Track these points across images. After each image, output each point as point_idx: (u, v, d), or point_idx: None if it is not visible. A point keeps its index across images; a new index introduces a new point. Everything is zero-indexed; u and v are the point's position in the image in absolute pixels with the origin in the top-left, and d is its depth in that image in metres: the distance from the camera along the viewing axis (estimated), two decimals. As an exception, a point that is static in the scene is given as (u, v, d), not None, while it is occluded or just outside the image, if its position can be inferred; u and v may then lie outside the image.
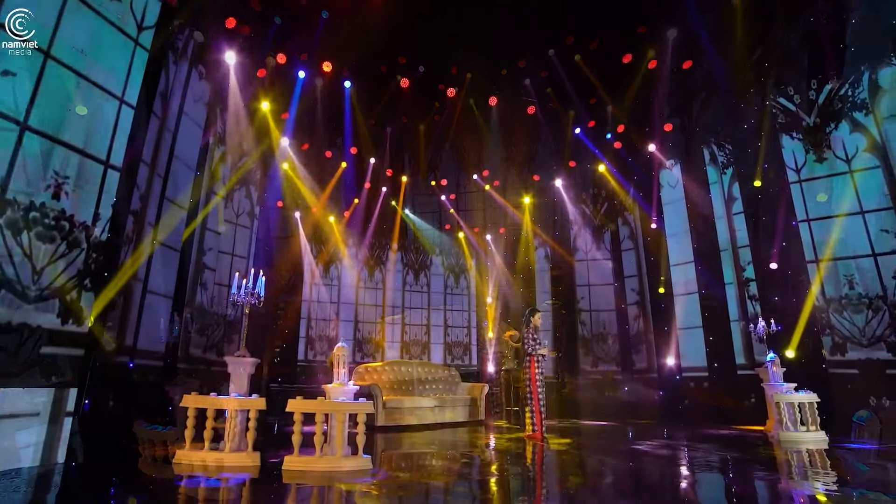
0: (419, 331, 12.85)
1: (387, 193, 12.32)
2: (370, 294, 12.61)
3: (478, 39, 8.82)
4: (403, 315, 12.35)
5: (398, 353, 12.36)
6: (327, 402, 5.27)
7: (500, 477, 4.77)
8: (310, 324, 11.81)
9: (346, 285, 12.36)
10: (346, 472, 4.74)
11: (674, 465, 5.32)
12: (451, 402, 8.71)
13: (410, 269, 13.05)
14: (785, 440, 6.82)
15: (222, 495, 4.08)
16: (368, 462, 4.97)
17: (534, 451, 6.03)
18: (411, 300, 12.92)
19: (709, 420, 9.22)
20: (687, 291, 10.48)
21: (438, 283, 13.14)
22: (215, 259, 9.10)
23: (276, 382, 10.61)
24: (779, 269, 9.16)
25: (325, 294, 12.07)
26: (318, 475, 4.59)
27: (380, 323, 12.44)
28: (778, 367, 7.73)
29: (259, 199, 10.64)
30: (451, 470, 5.01)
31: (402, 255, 12.94)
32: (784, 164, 9.08)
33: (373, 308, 12.56)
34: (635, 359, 11.39)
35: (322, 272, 12.15)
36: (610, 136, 10.85)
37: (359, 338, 12.29)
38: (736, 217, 10.03)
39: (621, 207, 11.89)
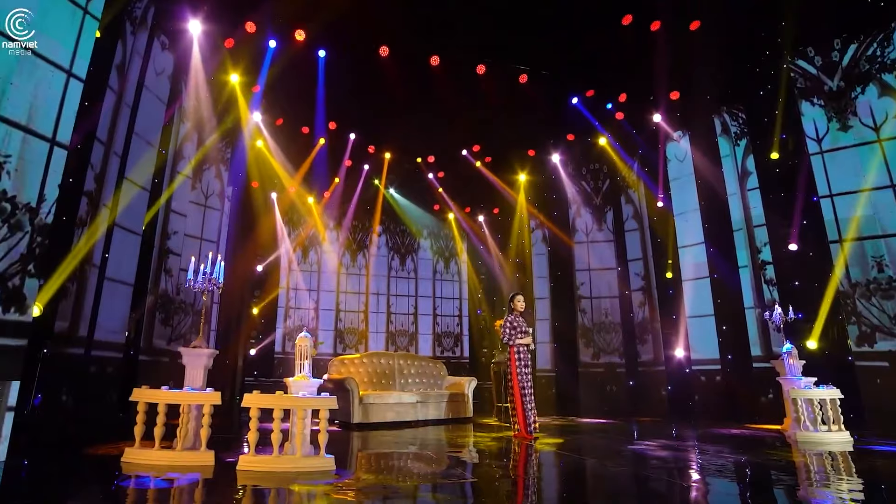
0: (406, 320, 12.79)
1: (369, 172, 12.18)
2: (353, 281, 12.54)
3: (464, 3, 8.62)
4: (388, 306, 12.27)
5: (383, 345, 12.32)
6: (286, 398, 5.19)
7: (470, 482, 4.70)
8: (287, 313, 11.79)
9: (326, 271, 12.29)
10: (304, 473, 4.63)
11: (668, 470, 5.17)
12: (436, 397, 8.63)
13: (396, 253, 12.98)
14: (803, 441, 6.57)
15: (158, 497, 4.04)
16: (331, 462, 4.86)
17: (517, 453, 5.90)
18: (397, 287, 12.86)
19: (721, 418, 9.06)
20: (697, 276, 10.27)
21: (426, 269, 13.06)
22: (181, 243, 9.05)
23: (251, 376, 10.62)
24: (799, 251, 8.95)
25: (304, 281, 12.01)
26: (274, 476, 4.49)
27: (363, 312, 12.41)
28: (795, 359, 7.47)
29: (230, 179, 10.55)
30: (420, 472, 4.91)
31: (386, 238, 12.86)
32: (804, 133, 8.84)
33: (355, 296, 12.49)
34: (640, 350, 11.22)
35: (300, 258, 12.09)
36: (611, 105, 10.61)
37: (340, 328, 12.24)
38: (751, 193, 9.79)
39: (624, 184, 11.68)
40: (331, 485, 4.24)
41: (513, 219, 12.53)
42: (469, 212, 12.77)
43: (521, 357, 6.90)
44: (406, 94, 10.05)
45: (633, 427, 8.43)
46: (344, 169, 11.86)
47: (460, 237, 13.14)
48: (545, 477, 4.97)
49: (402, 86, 9.86)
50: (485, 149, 12.06)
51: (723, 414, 9.27)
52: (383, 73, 9.69)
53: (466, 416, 8.80)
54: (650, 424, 8.89)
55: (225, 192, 10.50)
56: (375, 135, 11.44)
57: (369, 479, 4.59)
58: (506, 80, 9.96)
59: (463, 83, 9.92)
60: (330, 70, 9.80)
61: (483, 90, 9.98)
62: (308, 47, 9.56)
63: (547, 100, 10.32)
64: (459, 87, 9.89)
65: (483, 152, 12.13)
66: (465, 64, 9.68)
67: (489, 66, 9.70)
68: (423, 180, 12.65)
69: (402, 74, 9.74)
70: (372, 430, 7.57)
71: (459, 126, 10.87)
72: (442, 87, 9.89)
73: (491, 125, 10.86)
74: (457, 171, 12.24)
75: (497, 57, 9.64)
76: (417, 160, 12.10)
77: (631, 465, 5.28)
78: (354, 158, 11.98)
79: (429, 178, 12.78)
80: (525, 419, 6.74)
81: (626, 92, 10.47)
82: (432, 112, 10.39)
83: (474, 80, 9.90)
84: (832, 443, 6.51)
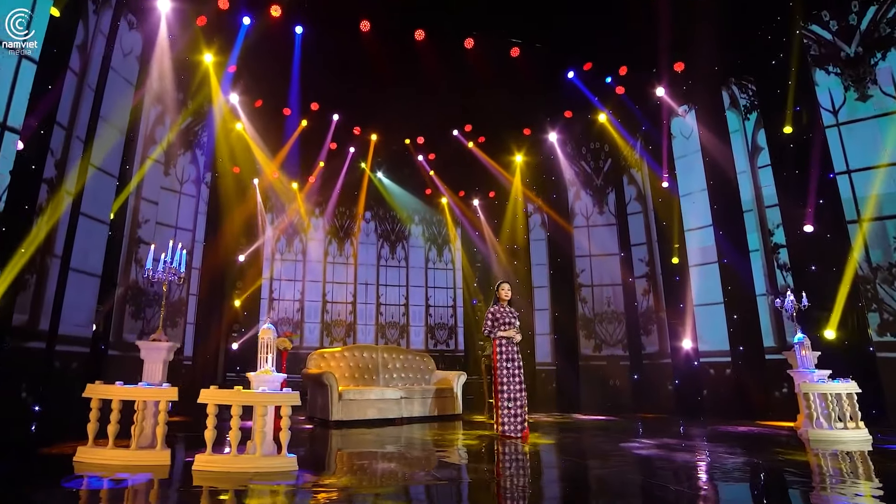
0: (396, 311, 12.68)
1: (355, 155, 12.05)
2: (339, 270, 12.45)
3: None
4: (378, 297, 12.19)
5: (372, 337, 12.24)
6: (244, 393, 5.11)
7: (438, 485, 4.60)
8: (271, 305, 11.75)
9: (311, 260, 12.23)
10: (262, 473, 4.56)
11: (658, 471, 5.02)
12: (422, 392, 8.51)
13: (385, 240, 12.86)
14: (815, 439, 6.31)
15: (90, 500, 3.98)
16: (293, 462, 4.79)
17: (498, 454, 5.78)
18: (387, 276, 12.75)
19: (731, 414, 8.85)
20: (704, 261, 10.02)
21: (418, 257, 12.93)
22: (153, 232, 9.01)
23: (233, 371, 10.62)
24: (814, 233, 8.67)
25: (289, 271, 11.96)
26: (230, 477, 4.43)
27: (351, 303, 12.34)
28: (808, 350, 7.18)
29: (208, 164, 10.49)
30: (387, 474, 4.81)
31: (375, 224, 12.73)
32: (818, 104, 8.54)
33: (343, 286, 12.42)
34: (644, 342, 11.01)
35: (284, 246, 12.04)
36: (610, 79, 10.36)
37: (327, 320, 12.18)
38: (762, 171, 9.54)
39: (627, 164, 11.43)
40: (287, 486, 4.19)
41: (510, 203, 12.33)
42: (463, 196, 12.61)
43: (502, 350, 6.73)
44: (391, 72, 9.89)
45: (634, 425, 8.26)
46: (328, 152, 11.73)
47: (454, 223, 12.99)
48: (519, 483, 4.83)
49: (386, 63, 9.69)
50: (477, 128, 11.84)
51: (733, 410, 9.03)
52: (365, 50, 9.52)
53: (455, 412, 8.68)
54: (654, 421, 8.71)
55: (202, 177, 10.44)
56: (360, 115, 11.27)
57: (331, 482, 4.47)
58: (496, 55, 9.76)
59: (450, 59, 9.73)
60: (308, 48, 9.66)
61: (472, 66, 9.78)
62: (284, 24, 9.42)
63: (541, 75, 10.10)
64: (447, 63, 9.71)
65: (475, 132, 11.93)
66: (452, 38, 9.48)
67: (478, 39, 9.49)
68: (412, 163, 12.48)
69: (386, 51, 9.57)
70: (351, 427, 7.48)
71: (449, 105, 10.70)
72: (428, 63, 9.70)
73: (482, 103, 10.64)
74: (449, 152, 12.05)
75: (486, 29, 9.44)
76: (406, 141, 11.93)
77: (620, 467, 5.12)
78: (339, 141, 11.83)
79: (419, 161, 12.60)
80: (509, 417, 6.61)
81: (627, 64, 10.21)
82: (419, 90, 10.22)
83: (462, 55, 9.70)
84: (848, 441, 6.25)
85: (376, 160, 12.61)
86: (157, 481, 4.38)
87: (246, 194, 11.15)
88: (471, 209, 12.64)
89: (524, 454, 5.77)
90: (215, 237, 10.40)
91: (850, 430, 6.44)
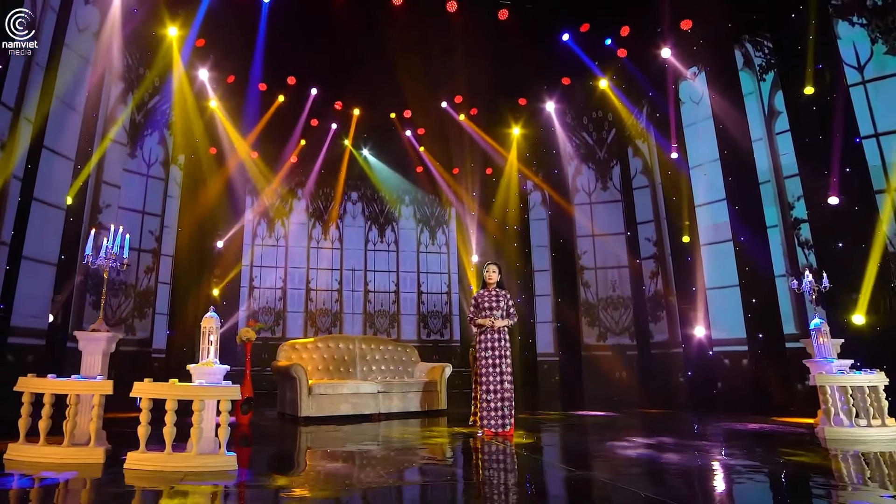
0: (386, 299, 12.52)
1: (339, 132, 11.87)
2: (325, 255, 12.32)
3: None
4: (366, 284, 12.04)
5: (360, 327, 12.12)
6: (179, 387, 4.97)
7: (378, 491, 4.42)
8: (251, 293, 11.69)
9: (294, 245, 12.13)
10: (196, 473, 4.44)
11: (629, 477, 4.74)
12: (401, 386, 8.28)
13: (374, 223, 12.67)
14: (833, 438, 5.93)
15: (10, 499, 3.90)
16: (232, 462, 4.65)
17: (466, 455, 5.63)
18: (375, 261, 12.59)
19: (748, 409, 8.50)
20: (717, 239, 9.66)
21: (409, 240, 12.73)
22: (114, 217, 8.95)
23: (210, 365, 10.57)
24: (840, 205, 8.21)
25: (270, 257, 11.87)
26: (163, 476, 4.31)
27: (337, 291, 12.23)
28: (826, 336, 6.78)
29: (177, 144, 10.39)
30: (332, 477, 4.65)
31: (363, 206, 12.56)
32: (841, 60, 8.09)
33: (328, 272, 12.30)
34: (653, 329, 10.69)
35: (265, 231, 11.95)
36: (610, 41, 9.99)
37: (311, 309, 12.08)
38: (780, 137, 9.13)
39: (632, 134, 11.07)
40: (216, 486, 4.10)
41: (508, 180, 12.05)
42: (457, 173, 12.36)
43: (482, 339, 6.57)
44: (369, 41, 9.65)
45: (634, 421, 7.99)
46: (310, 129, 11.58)
47: (448, 203, 12.76)
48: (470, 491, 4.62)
49: (364, 31, 9.46)
50: (468, 100, 11.57)
51: (751, 404, 8.69)
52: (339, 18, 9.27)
53: (439, 408, 8.45)
54: (658, 418, 8.43)
55: (171, 158, 10.36)
56: (340, 89, 11.08)
57: (266, 484, 4.33)
58: (483, 18, 9.44)
59: (434, 23, 9.44)
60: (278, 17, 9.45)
61: (457, 31, 9.48)
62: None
63: (533, 39, 9.76)
64: (429, 30, 9.42)
65: (467, 104, 11.65)
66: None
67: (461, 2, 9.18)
68: (400, 139, 12.26)
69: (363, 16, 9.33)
70: (321, 424, 7.31)
71: (435, 75, 10.41)
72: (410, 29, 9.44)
73: (471, 72, 10.36)
74: (439, 127, 11.80)
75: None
76: (391, 115, 11.70)
77: (598, 469, 4.93)
78: (320, 117, 11.67)
79: (406, 136, 12.38)
80: (489, 411, 6.41)
81: (628, 24, 9.85)
82: (402, 59, 9.95)
83: (446, 19, 9.39)
84: (872, 440, 5.85)
85: (361, 137, 12.40)
86: (83, 480, 4.34)
87: (222, 176, 11.04)
88: (466, 187, 12.38)
89: (496, 455, 5.57)
90: (189, 222, 10.33)
91: (875, 427, 6.05)
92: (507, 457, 5.48)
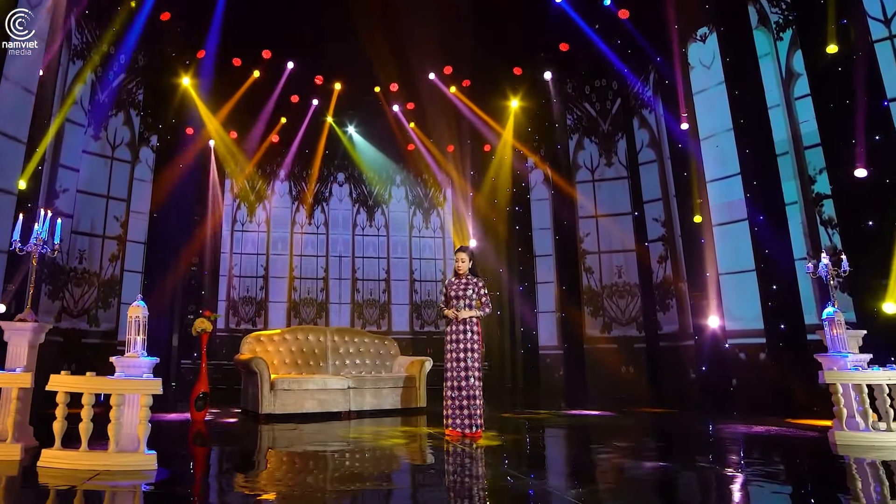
0: (376, 287, 12.41)
1: (322, 109, 11.79)
2: (310, 241, 12.27)
3: None
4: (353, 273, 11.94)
5: (348, 318, 12.06)
6: (97, 380, 4.95)
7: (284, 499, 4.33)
8: (231, 283, 11.73)
9: (276, 230, 12.12)
10: (111, 472, 4.41)
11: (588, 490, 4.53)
12: (375, 382, 8.15)
13: (362, 205, 12.56)
14: (844, 443, 5.58)
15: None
16: (151, 461, 4.62)
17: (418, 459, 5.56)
18: (364, 247, 12.49)
19: (766, 409, 8.15)
20: (731, 219, 9.30)
21: (401, 224, 12.59)
22: (72, 202, 9.02)
23: (188, 358, 10.67)
24: (868, 178, 7.73)
25: (252, 243, 11.88)
26: (76, 475, 4.28)
27: (323, 279, 12.18)
28: (840, 327, 6.39)
29: (147, 125, 10.43)
30: (248, 481, 4.57)
31: (350, 187, 12.45)
32: (866, 14, 7.64)
33: (313, 259, 12.26)
34: (661, 320, 10.37)
35: (245, 215, 11.95)
36: (610, 1, 9.65)
37: (295, 299, 12.08)
38: (799, 103, 8.73)
39: (637, 103, 10.70)
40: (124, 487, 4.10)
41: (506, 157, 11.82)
42: (452, 151, 12.16)
43: (448, 332, 6.45)
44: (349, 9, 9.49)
45: (629, 422, 7.81)
46: (290, 106, 11.52)
47: (442, 183, 12.58)
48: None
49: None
50: (460, 71, 11.35)
51: (768, 403, 8.31)
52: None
53: (418, 405, 8.30)
54: (661, 419, 8.21)
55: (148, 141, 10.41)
56: (320, 62, 10.95)
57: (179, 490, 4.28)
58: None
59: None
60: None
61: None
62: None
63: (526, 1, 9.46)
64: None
65: (458, 76, 11.41)
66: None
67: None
68: (388, 115, 12.09)
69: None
70: (283, 422, 7.25)
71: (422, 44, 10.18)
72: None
73: (462, 40, 10.12)
74: (431, 101, 11.57)
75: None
76: (376, 89, 11.52)
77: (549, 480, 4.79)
78: (301, 93, 11.58)
79: (394, 112, 12.20)
80: (454, 409, 6.22)
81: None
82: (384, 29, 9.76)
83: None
84: (890, 447, 5.47)
85: (347, 114, 12.28)
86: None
87: (198, 158, 11.05)
88: (461, 166, 12.18)
89: (448, 459, 5.44)
90: (163, 207, 10.36)
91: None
92: (458, 463, 5.29)
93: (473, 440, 6.03)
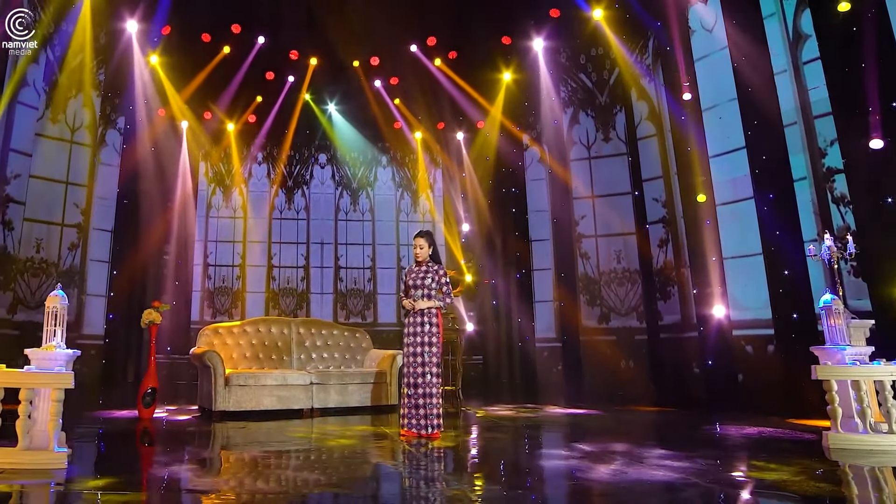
0: (361, 276, 12.40)
1: (300, 85, 11.75)
2: (289, 227, 12.32)
3: None
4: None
5: (331, 309, 12.09)
6: (3, 373, 5.04)
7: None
8: (206, 272, 11.82)
9: (254, 216, 12.19)
10: (17, 470, 4.45)
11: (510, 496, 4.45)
12: (341, 377, 8.11)
13: (346, 188, 12.54)
14: (837, 447, 5.40)
15: None
16: (61, 460, 4.68)
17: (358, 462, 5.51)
18: (348, 233, 12.46)
19: (774, 408, 7.94)
20: (736, 198, 9.08)
21: (387, 208, 12.58)
22: (24, 189, 9.15)
23: (161, 352, 10.76)
24: (885, 149, 7.39)
25: (228, 230, 11.95)
26: None
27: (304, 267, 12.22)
28: (839, 317, 6.12)
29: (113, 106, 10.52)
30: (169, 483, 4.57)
31: (333, 169, 12.44)
32: (881, -37, 7.30)
33: (293, 247, 12.30)
34: (662, 309, 10.14)
35: (220, 201, 12.03)
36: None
37: (274, 288, 12.13)
38: (808, 67, 8.42)
39: (635, 73, 10.43)
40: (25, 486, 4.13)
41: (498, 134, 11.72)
42: (443, 129, 12.08)
43: (407, 324, 6.38)
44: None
45: (610, 423, 7.71)
46: (265, 83, 11.52)
47: (432, 164, 12.50)
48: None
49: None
50: (445, 41, 11.19)
51: (778, 401, 8.05)
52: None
53: (388, 402, 8.24)
54: (649, 418, 8.15)
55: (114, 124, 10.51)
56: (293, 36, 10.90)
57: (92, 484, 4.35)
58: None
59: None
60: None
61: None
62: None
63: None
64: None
65: (444, 47, 11.28)
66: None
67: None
68: (370, 92, 12.00)
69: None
70: (236, 420, 7.27)
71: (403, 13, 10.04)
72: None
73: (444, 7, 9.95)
74: (416, 75, 11.49)
75: None
76: (354, 63, 11.43)
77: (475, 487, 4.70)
78: (276, 69, 11.56)
79: (376, 88, 12.09)
80: (410, 409, 6.18)
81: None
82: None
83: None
84: (891, 451, 5.26)
85: (327, 90, 12.22)
86: None
87: (169, 140, 11.14)
88: (451, 146, 12.10)
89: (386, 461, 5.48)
90: (132, 194, 10.47)
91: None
92: (397, 468, 5.24)
93: (430, 441, 5.97)
